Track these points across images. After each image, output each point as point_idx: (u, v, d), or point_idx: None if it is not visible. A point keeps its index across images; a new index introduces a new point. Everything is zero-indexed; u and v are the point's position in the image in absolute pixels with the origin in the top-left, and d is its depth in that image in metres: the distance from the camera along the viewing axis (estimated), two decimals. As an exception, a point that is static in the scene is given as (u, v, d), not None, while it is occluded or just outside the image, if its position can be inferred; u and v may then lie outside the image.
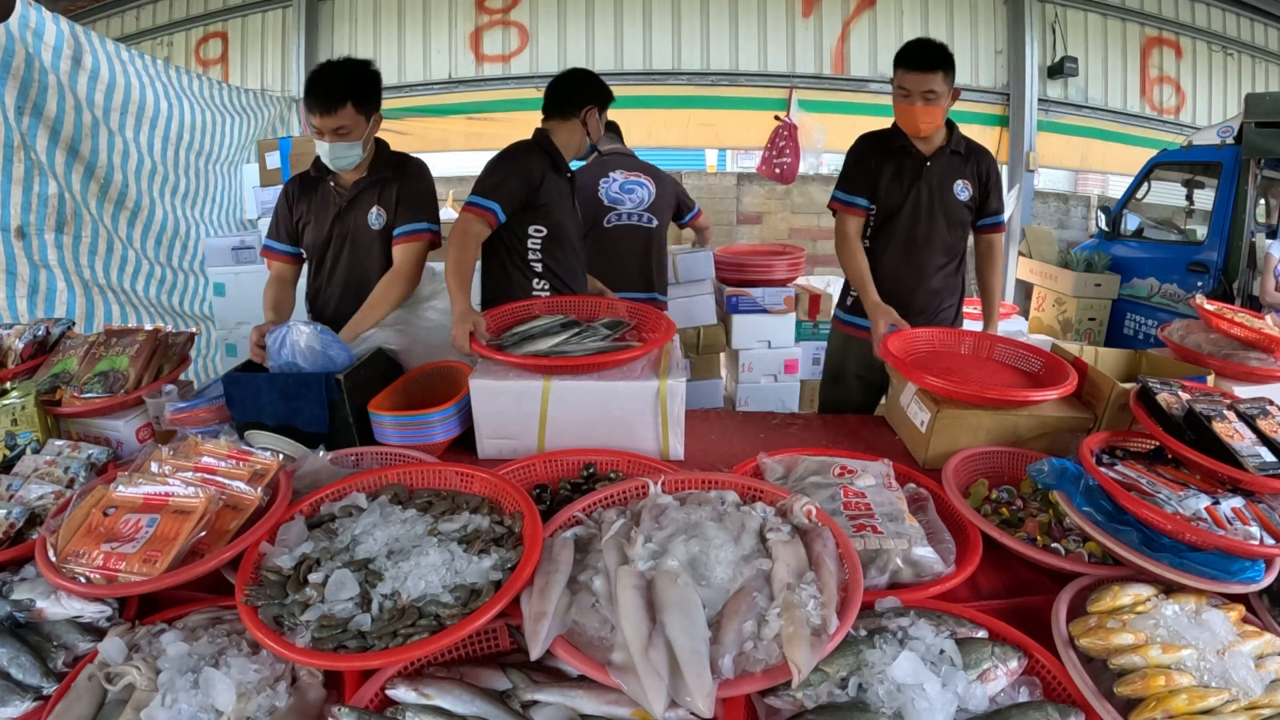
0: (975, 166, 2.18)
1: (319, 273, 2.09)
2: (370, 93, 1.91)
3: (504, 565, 1.06)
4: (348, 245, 2.02)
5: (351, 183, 2.00)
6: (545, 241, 2.15)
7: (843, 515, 1.25)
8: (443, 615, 0.96)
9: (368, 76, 1.92)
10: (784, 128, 5.88)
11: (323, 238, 2.03)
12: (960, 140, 2.18)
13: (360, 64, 1.92)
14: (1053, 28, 6.25)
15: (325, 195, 2.03)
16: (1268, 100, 4.23)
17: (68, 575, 1.10)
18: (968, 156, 2.18)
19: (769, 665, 0.89)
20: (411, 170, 2.05)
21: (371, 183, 2.00)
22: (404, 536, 1.13)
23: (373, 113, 1.92)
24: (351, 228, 2.01)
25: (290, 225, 2.07)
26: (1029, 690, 0.98)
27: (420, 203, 2.01)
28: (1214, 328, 1.78)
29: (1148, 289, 4.88)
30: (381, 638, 0.95)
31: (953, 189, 2.15)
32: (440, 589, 1.02)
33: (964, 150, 2.17)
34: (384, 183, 2.01)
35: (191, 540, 1.14)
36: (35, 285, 2.85)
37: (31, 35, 2.71)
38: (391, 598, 1.01)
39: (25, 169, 2.77)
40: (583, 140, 2.21)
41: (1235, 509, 1.18)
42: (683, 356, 1.73)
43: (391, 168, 2.02)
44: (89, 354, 1.84)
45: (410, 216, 1.99)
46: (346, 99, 1.84)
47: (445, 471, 1.34)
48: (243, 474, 1.28)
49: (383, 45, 6.44)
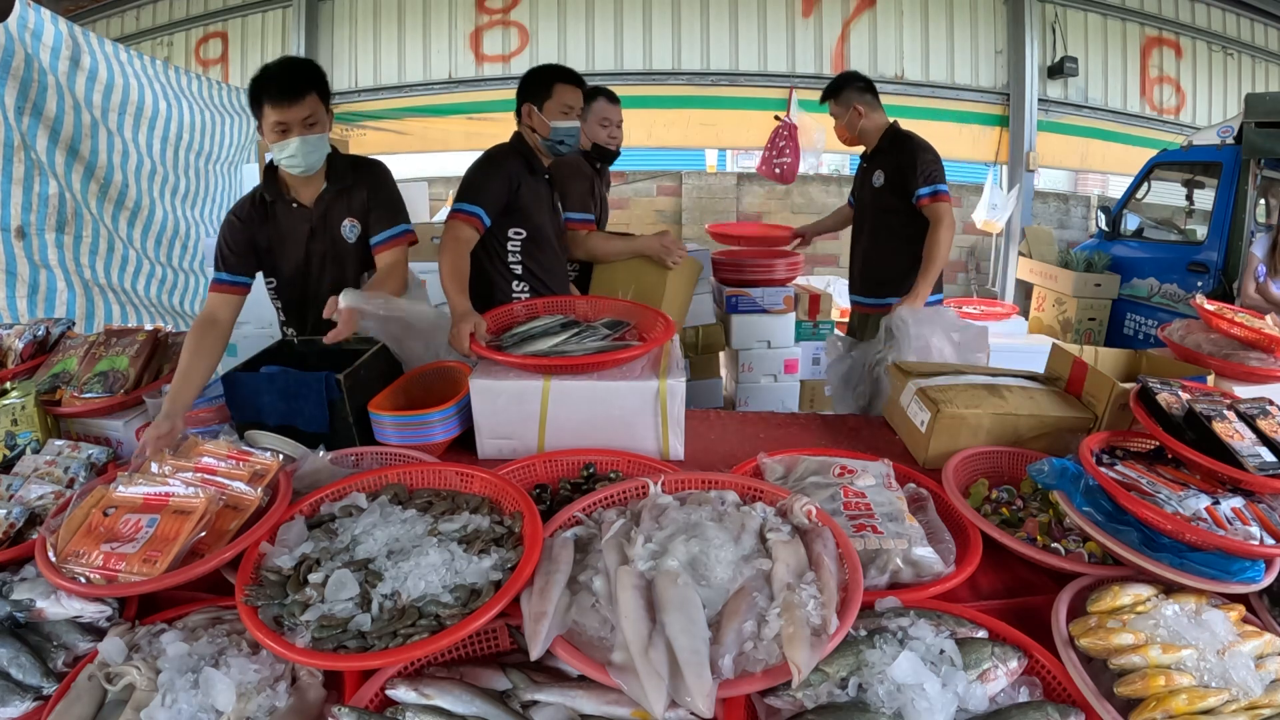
0: (892, 157, 2.57)
1: (299, 290, 1.97)
2: (327, 87, 1.81)
3: (504, 565, 1.06)
4: (329, 263, 1.93)
5: (314, 199, 1.88)
6: (525, 243, 2.17)
7: (843, 515, 1.25)
8: (443, 615, 0.96)
9: (322, 71, 1.82)
10: (784, 128, 5.88)
11: (300, 260, 1.92)
12: (886, 138, 2.62)
13: (310, 60, 1.85)
14: (1053, 28, 6.26)
15: (290, 216, 1.89)
16: (1268, 100, 4.24)
17: (67, 575, 1.10)
18: (888, 151, 2.59)
19: (769, 665, 0.89)
20: (374, 172, 1.95)
21: (337, 193, 1.89)
22: (404, 536, 1.13)
23: (329, 107, 1.82)
24: (329, 245, 1.91)
25: (246, 252, 1.87)
26: (1029, 690, 0.98)
27: (393, 205, 1.92)
28: (1214, 328, 1.78)
29: (1148, 289, 4.88)
30: (381, 638, 0.94)
31: (871, 181, 2.64)
32: (440, 589, 1.02)
33: (886, 146, 2.61)
34: (348, 191, 1.90)
35: (192, 540, 1.14)
36: (35, 285, 2.85)
37: (30, 36, 2.71)
38: (391, 598, 1.01)
39: (25, 169, 2.77)
40: (535, 139, 2.17)
41: (1235, 509, 1.18)
42: (682, 356, 1.73)
43: (352, 173, 1.91)
44: (89, 354, 1.84)
45: (387, 221, 1.89)
46: (310, 87, 1.74)
47: (445, 471, 1.34)
48: (243, 474, 1.28)
49: (383, 45, 6.45)
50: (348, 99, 6.56)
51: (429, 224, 4.47)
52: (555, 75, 2.14)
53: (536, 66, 2.20)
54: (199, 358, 1.68)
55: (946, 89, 6.12)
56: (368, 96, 6.55)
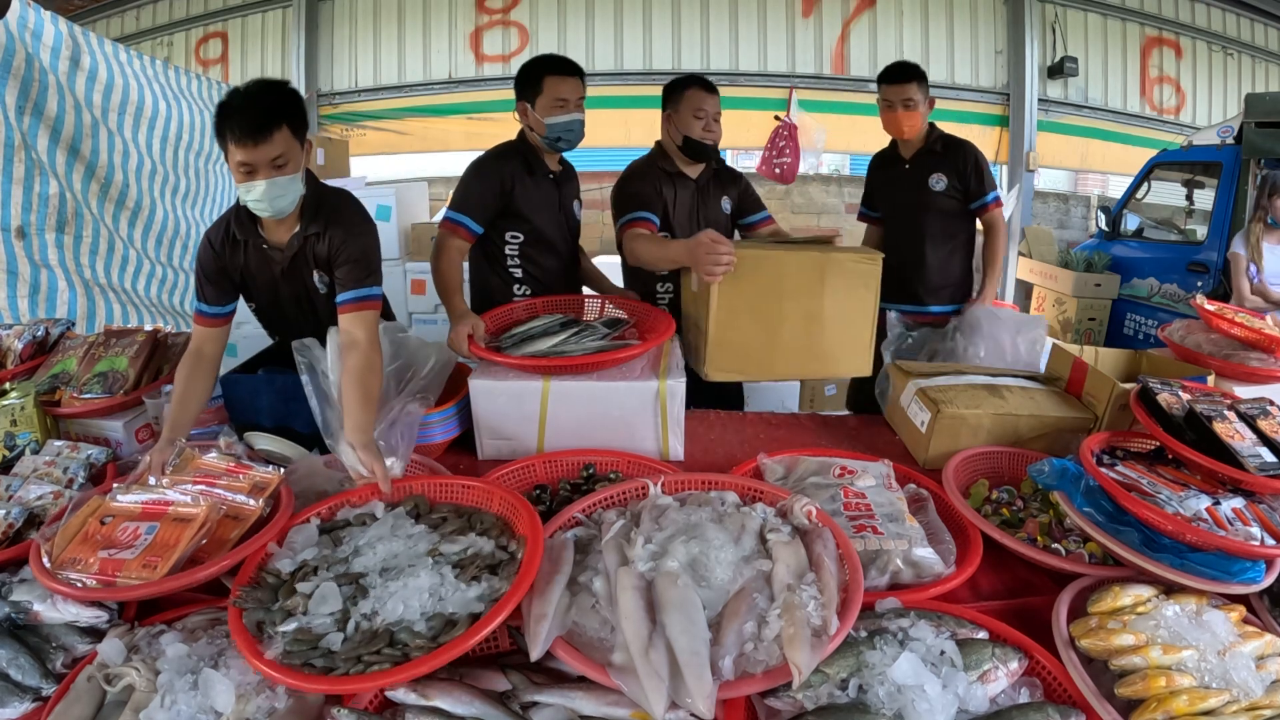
0: (950, 160, 2.48)
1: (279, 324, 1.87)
2: (303, 114, 1.57)
3: (490, 596, 1.02)
4: (304, 304, 1.77)
5: (286, 240, 1.67)
6: (523, 246, 2.13)
7: (843, 516, 1.25)
8: (410, 645, 0.94)
9: (297, 96, 1.58)
10: (784, 128, 5.88)
11: (273, 301, 1.79)
12: (937, 140, 2.51)
13: (283, 83, 1.58)
14: (1053, 28, 6.26)
15: (260, 256, 1.70)
16: (1268, 100, 4.23)
17: (63, 581, 1.09)
18: (944, 154, 2.49)
19: (769, 666, 0.89)
20: (344, 222, 1.66)
21: (306, 239, 1.66)
22: (403, 554, 1.12)
23: (304, 138, 1.57)
24: (301, 289, 1.75)
25: (222, 281, 1.70)
26: (1029, 691, 0.98)
27: (361, 262, 1.63)
28: (1214, 328, 1.78)
29: (1148, 289, 4.88)
30: (346, 661, 0.93)
31: (929, 184, 2.49)
32: (418, 615, 0.99)
33: (940, 149, 2.50)
34: (314, 240, 1.66)
35: (193, 547, 1.14)
36: (36, 285, 2.85)
37: (30, 36, 2.71)
38: (369, 618, 0.99)
39: (26, 169, 2.76)
40: (535, 137, 2.07)
41: (1236, 509, 1.18)
42: (682, 356, 1.72)
43: (321, 219, 1.65)
44: (88, 354, 1.84)
45: (352, 282, 1.61)
46: (281, 120, 1.48)
47: (455, 486, 1.32)
48: (243, 486, 1.28)
49: (383, 45, 6.45)
50: (348, 99, 6.56)
51: (429, 224, 4.49)
52: (544, 68, 2.03)
53: (527, 61, 2.08)
54: (194, 383, 1.59)
55: (946, 89, 6.11)
56: (368, 96, 6.54)
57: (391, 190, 4.38)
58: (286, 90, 1.55)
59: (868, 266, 1.67)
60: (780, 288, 1.64)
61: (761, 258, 1.65)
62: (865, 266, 1.66)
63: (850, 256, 1.68)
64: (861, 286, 1.67)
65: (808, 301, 1.67)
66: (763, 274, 1.64)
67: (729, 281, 1.61)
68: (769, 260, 1.65)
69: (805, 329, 1.69)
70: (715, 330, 1.66)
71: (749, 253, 1.64)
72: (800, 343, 1.70)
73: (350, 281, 1.61)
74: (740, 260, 1.59)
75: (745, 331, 1.67)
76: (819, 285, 1.66)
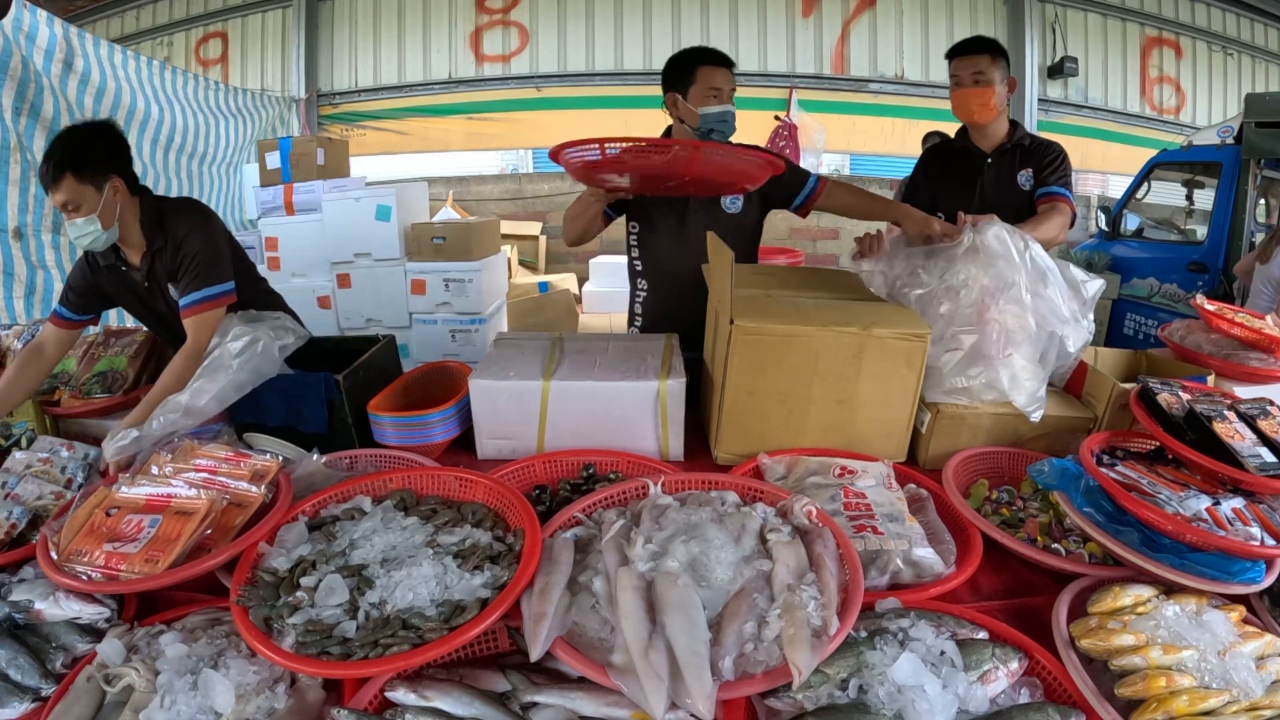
0: (1036, 157, 2.23)
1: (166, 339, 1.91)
2: (96, 157, 1.63)
3: (495, 583, 1.04)
4: (174, 315, 1.78)
5: (138, 262, 1.78)
6: (640, 235, 2.16)
7: (843, 516, 1.25)
8: (423, 629, 0.95)
9: (92, 138, 1.65)
10: (784, 128, 5.89)
11: (147, 317, 1.90)
12: (1024, 136, 2.26)
13: (87, 128, 1.68)
14: (1053, 28, 6.26)
15: (124, 277, 1.81)
16: (1268, 100, 4.24)
17: (69, 574, 1.11)
18: (1030, 149, 2.25)
19: (769, 667, 0.89)
20: (179, 230, 1.73)
21: (154, 255, 1.76)
22: (401, 545, 1.12)
23: (105, 180, 1.64)
24: (167, 306, 1.81)
25: (90, 296, 1.82)
26: (1030, 691, 0.98)
27: (196, 265, 1.71)
28: (1214, 328, 1.78)
29: (1148, 289, 4.88)
30: (364, 646, 0.94)
31: (1016, 181, 2.22)
32: (427, 602, 1.00)
33: (1028, 144, 2.26)
34: (160, 257, 1.76)
35: (195, 540, 1.14)
36: (33, 285, 2.85)
37: (25, 38, 2.71)
38: (378, 606, 1.00)
39: (22, 170, 2.77)
40: (685, 130, 2.02)
41: (1236, 509, 1.18)
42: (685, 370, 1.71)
43: (162, 234, 1.75)
44: (88, 354, 1.84)
45: (188, 286, 1.70)
46: (65, 170, 1.58)
47: (447, 477, 1.33)
48: (244, 473, 1.28)
49: (383, 45, 6.46)
50: (348, 99, 6.57)
51: (429, 224, 4.48)
52: (697, 58, 1.98)
53: (676, 53, 2.03)
54: (24, 373, 1.70)
55: (947, 89, 6.13)
56: (368, 96, 6.55)
57: (391, 190, 4.37)
58: (81, 136, 1.64)
59: (913, 344, 1.48)
60: (811, 369, 1.48)
61: (791, 336, 1.46)
62: (910, 344, 1.48)
63: (894, 333, 1.48)
64: (904, 365, 1.49)
65: (840, 385, 1.50)
66: (792, 353, 1.47)
67: (749, 360, 1.46)
68: (799, 340, 1.46)
69: (835, 412, 1.53)
70: (729, 415, 1.53)
71: (776, 328, 1.46)
72: (827, 425, 1.54)
73: (186, 287, 1.71)
74: (764, 338, 1.45)
75: (765, 415, 1.53)
76: (855, 368, 1.49)
